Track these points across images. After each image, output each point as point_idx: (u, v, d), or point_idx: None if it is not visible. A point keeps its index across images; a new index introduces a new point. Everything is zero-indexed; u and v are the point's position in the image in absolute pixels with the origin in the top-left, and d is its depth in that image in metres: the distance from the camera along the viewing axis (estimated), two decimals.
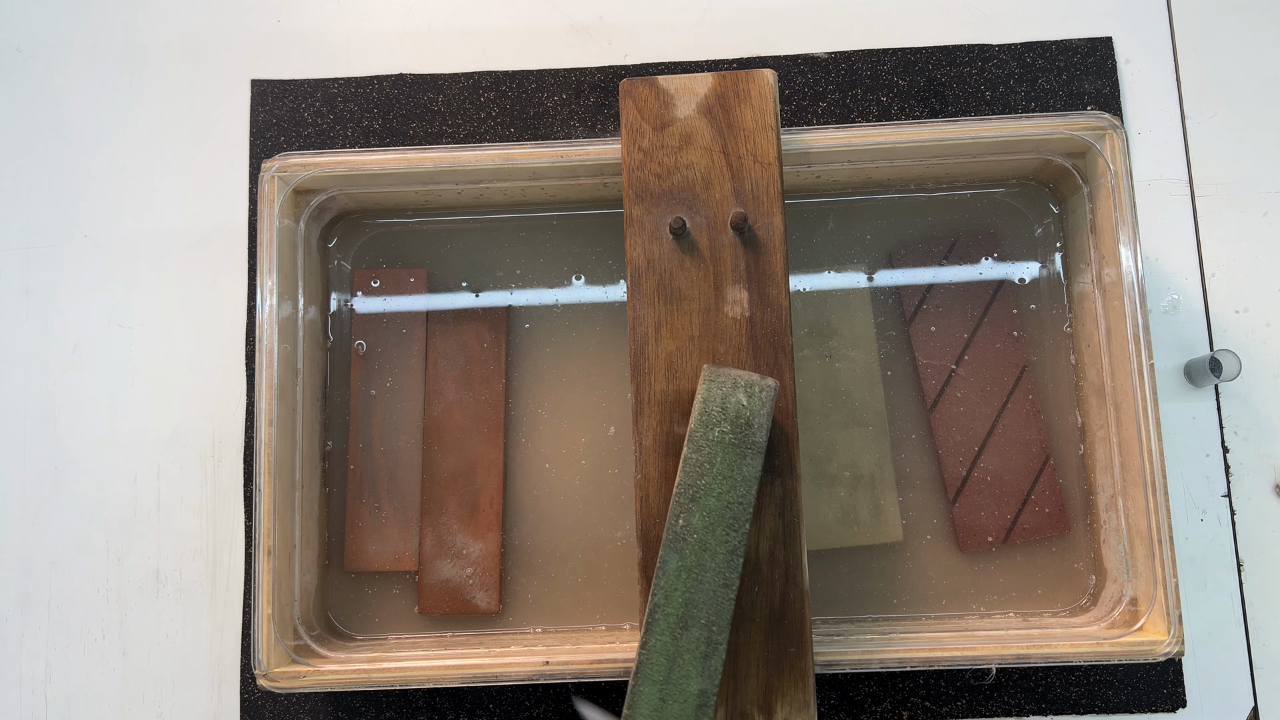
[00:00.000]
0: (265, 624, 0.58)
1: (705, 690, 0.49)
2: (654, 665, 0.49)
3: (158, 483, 0.68)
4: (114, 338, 0.70)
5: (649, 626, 0.49)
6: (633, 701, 0.49)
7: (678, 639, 0.49)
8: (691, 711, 0.49)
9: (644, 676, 0.49)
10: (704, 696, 0.49)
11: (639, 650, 0.49)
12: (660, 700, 0.49)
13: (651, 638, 0.49)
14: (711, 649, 0.49)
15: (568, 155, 0.62)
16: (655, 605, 0.49)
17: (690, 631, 0.49)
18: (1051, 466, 0.65)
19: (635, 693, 0.49)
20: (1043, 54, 0.71)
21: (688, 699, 0.49)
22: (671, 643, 0.49)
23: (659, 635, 0.49)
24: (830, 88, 0.71)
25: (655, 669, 0.49)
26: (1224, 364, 0.64)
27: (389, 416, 0.67)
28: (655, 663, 0.49)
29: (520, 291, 0.68)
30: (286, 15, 0.74)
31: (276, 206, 0.61)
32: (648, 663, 0.49)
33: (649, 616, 0.49)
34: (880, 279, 0.68)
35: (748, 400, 0.51)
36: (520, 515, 0.66)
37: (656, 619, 0.49)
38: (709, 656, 0.49)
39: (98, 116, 0.73)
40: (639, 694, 0.49)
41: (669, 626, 0.49)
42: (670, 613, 0.49)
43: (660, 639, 0.49)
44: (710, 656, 0.49)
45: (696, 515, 0.50)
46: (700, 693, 0.49)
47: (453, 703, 0.65)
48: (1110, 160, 0.60)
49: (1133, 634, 0.58)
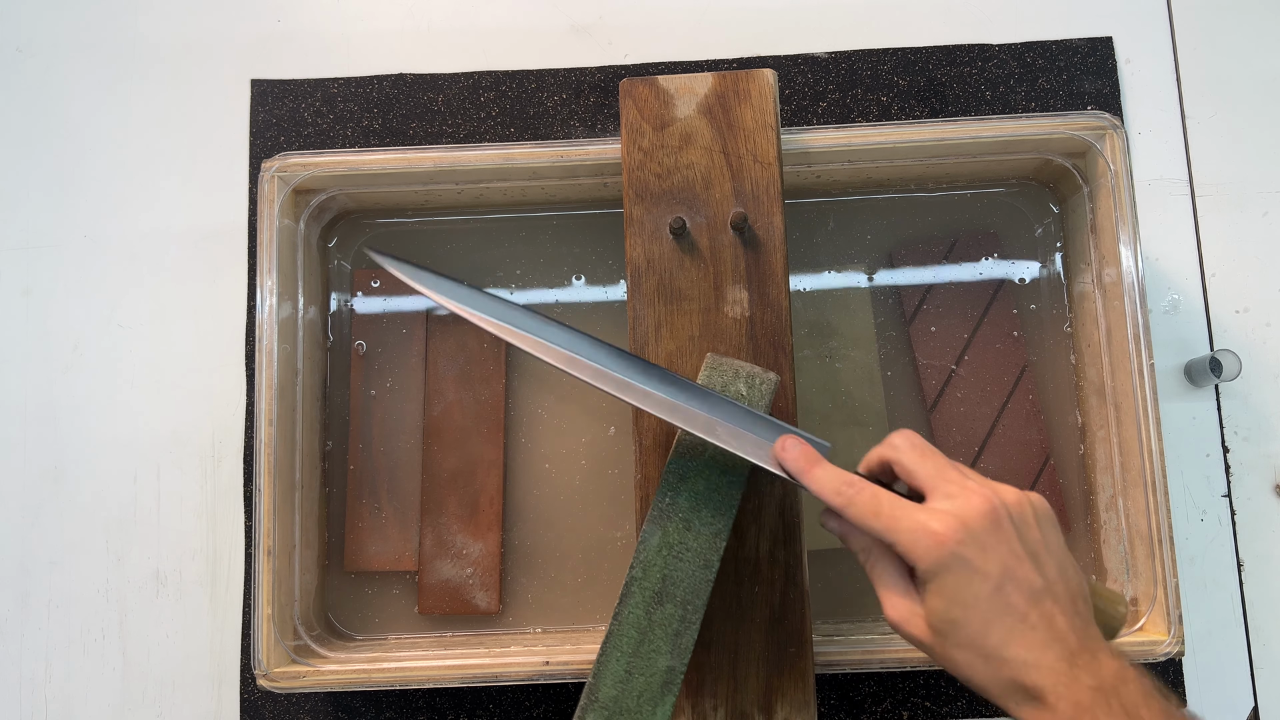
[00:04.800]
0: (265, 624, 0.58)
1: (673, 668, 0.48)
2: (624, 636, 0.48)
3: (158, 483, 0.68)
4: (114, 338, 0.70)
5: (623, 598, 0.49)
6: (598, 671, 0.48)
7: (651, 613, 0.48)
8: (657, 687, 0.48)
9: (613, 647, 0.48)
10: (671, 674, 0.48)
11: (611, 621, 0.49)
12: (626, 672, 0.48)
13: (624, 609, 0.49)
14: (685, 626, 0.48)
15: (568, 155, 0.62)
16: (632, 578, 0.49)
17: (665, 607, 0.49)
18: (1051, 466, 0.65)
19: (602, 662, 0.48)
20: (1043, 54, 0.71)
21: (654, 674, 0.48)
22: (644, 616, 0.48)
23: (632, 608, 0.49)
24: (830, 88, 0.71)
25: (625, 640, 0.48)
26: (1224, 364, 0.64)
27: (389, 416, 0.67)
28: (626, 634, 0.48)
29: (520, 291, 0.68)
30: (286, 15, 0.74)
31: (276, 206, 0.61)
32: (618, 633, 0.48)
33: (624, 588, 0.49)
34: (880, 279, 0.68)
35: (747, 391, 0.51)
36: (520, 515, 0.66)
37: (632, 591, 0.49)
38: (681, 634, 0.48)
39: (98, 116, 0.73)
40: (605, 664, 0.48)
41: (644, 600, 0.49)
42: (647, 586, 0.49)
43: (634, 611, 0.49)
44: (682, 635, 0.48)
45: (683, 495, 0.50)
46: (668, 669, 0.48)
47: (453, 703, 0.65)
48: (1110, 160, 0.60)
49: (1133, 634, 0.58)
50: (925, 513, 0.41)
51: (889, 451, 0.45)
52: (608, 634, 0.49)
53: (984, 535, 0.40)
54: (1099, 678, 0.39)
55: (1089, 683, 0.38)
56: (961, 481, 0.42)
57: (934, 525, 0.41)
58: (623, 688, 0.48)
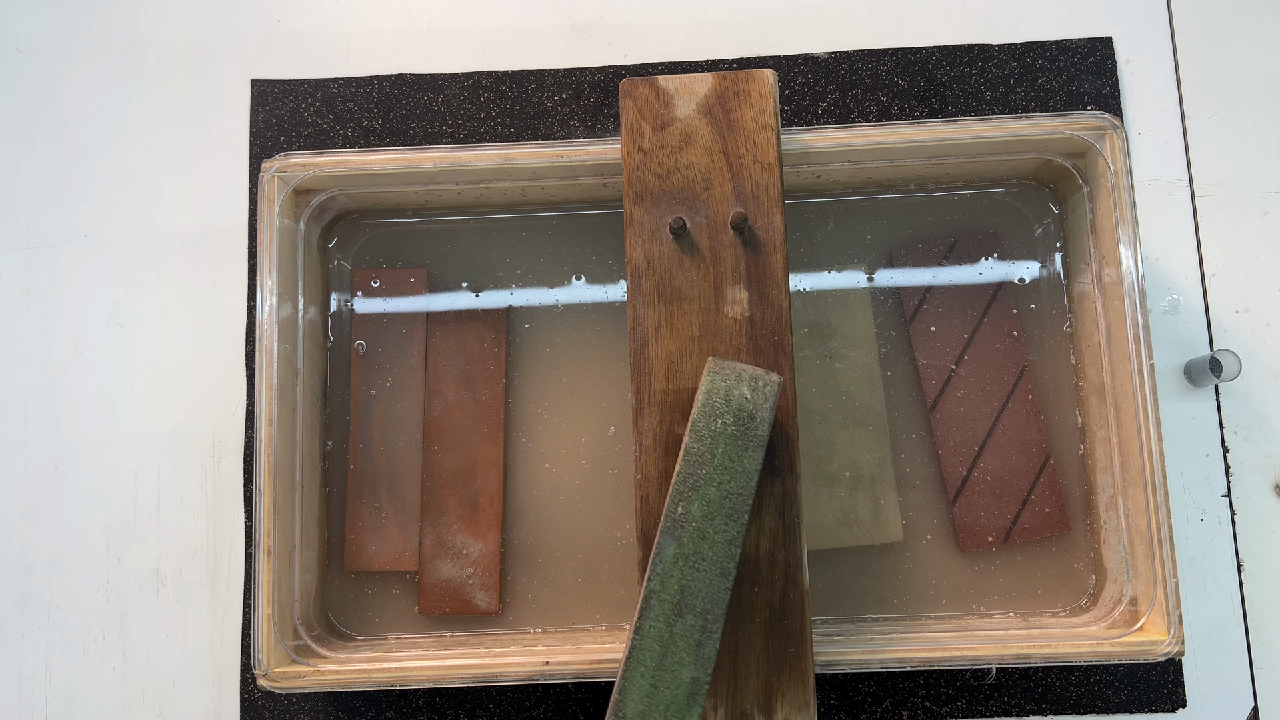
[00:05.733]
0: (265, 624, 0.58)
1: (698, 678, 0.48)
2: (647, 651, 0.48)
3: (158, 483, 0.68)
4: (114, 338, 0.70)
5: (643, 612, 0.49)
6: (623, 686, 0.48)
7: (672, 625, 0.49)
8: (683, 699, 0.48)
9: (636, 662, 0.48)
10: (696, 684, 0.48)
11: (631, 635, 0.49)
12: (651, 686, 0.48)
13: (645, 623, 0.49)
14: (706, 636, 0.48)
15: (568, 155, 0.62)
16: (650, 591, 0.49)
17: (685, 619, 0.49)
18: (1051, 466, 0.65)
19: (626, 678, 0.48)
20: (1043, 54, 0.71)
21: (679, 686, 0.48)
22: (665, 629, 0.48)
23: (653, 621, 0.49)
24: (830, 88, 0.71)
25: (648, 654, 0.48)
26: (1224, 364, 0.64)
27: (389, 416, 0.67)
28: (648, 648, 0.48)
29: (520, 291, 0.68)
30: (286, 15, 0.74)
31: (276, 206, 0.61)
32: (640, 648, 0.48)
33: (644, 602, 0.49)
34: (880, 279, 0.68)
35: (751, 394, 0.51)
36: (520, 515, 0.66)
37: (651, 605, 0.49)
38: (703, 644, 0.48)
39: (98, 116, 0.73)
40: (630, 679, 0.48)
41: (664, 613, 0.49)
42: (666, 599, 0.49)
43: (654, 625, 0.49)
44: (704, 644, 0.48)
45: (696, 504, 0.50)
46: (692, 680, 0.48)
47: (453, 703, 0.65)
48: (1110, 160, 0.60)
49: (1133, 634, 0.58)
50: None
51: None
52: (629, 649, 0.49)
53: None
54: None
55: None
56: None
57: None
58: (649, 702, 0.48)
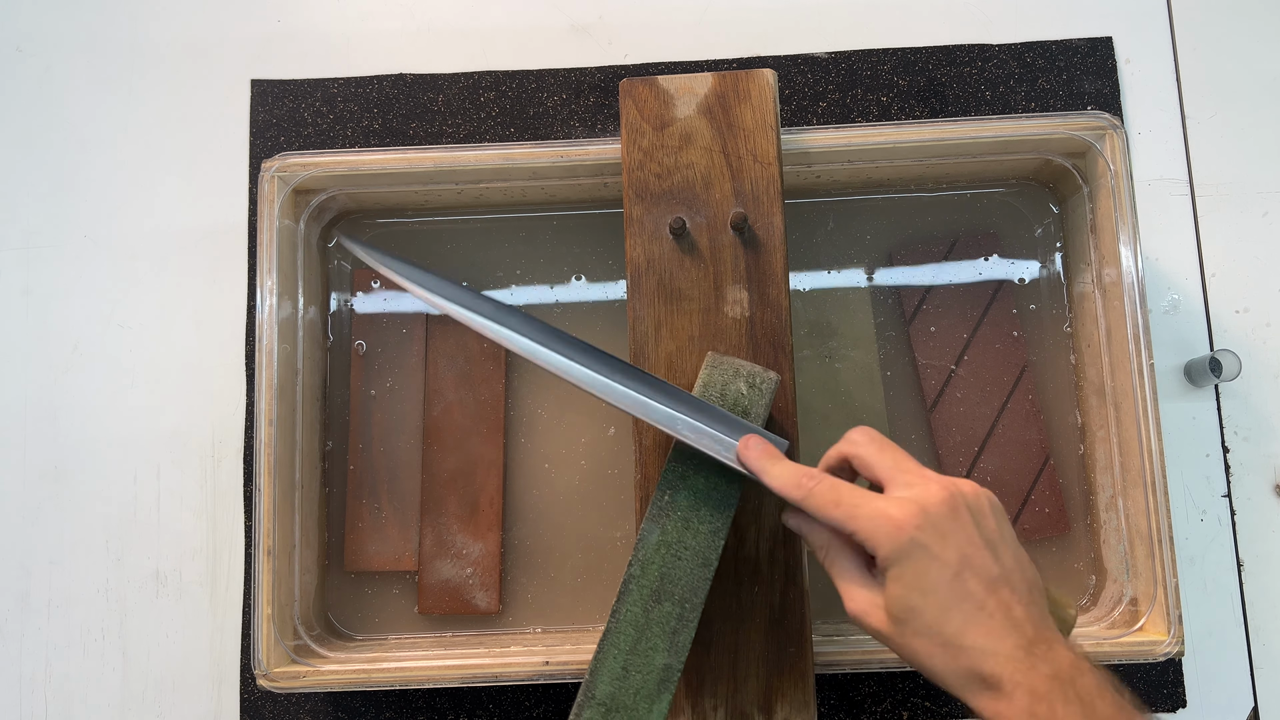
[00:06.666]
0: (265, 624, 0.58)
1: (670, 665, 0.48)
2: (622, 634, 0.48)
3: (158, 483, 0.68)
4: (114, 338, 0.70)
5: (621, 595, 0.49)
6: (595, 668, 0.48)
7: (649, 611, 0.49)
8: (654, 684, 0.48)
9: (610, 644, 0.48)
10: (668, 671, 0.48)
11: (609, 619, 0.49)
12: (623, 670, 0.48)
13: (623, 606, 0.49)
14: (682, 625, 0.49)
15: (568, 155, 0.62)
16: (630, 575, 0.49)
17: (663, 605, 0.49)
18: (1051, 466, 0.65)
19: (599, 660, 0.48)
20: (1043, 54, 0.71)
21: (651, 672, 0.48)
22: (642, 614, 0.49)
23: (630, 605, 0.49)
24: (830, 88, 0.71)
25: (623, 638, 0.48)
26: (1224, 364, 0.64)
27: (389, 416, 0.67)
28: (623, 632, 0.48)
29: (520, 291, 0.68)
30: (286, 15, 0.74)
31: (276, 206, 0.61)
32: (615, 631, 0.49)
33: (623, 586, 0.49)
34: (880, 279, 0.68)
35: (747, 390, 0.51)
36: (520, 515, 0.66)
37: (630, 589, 0.49)
38: (679, 632, 0.48)
39: (98, 116, 0.73)
40: (603, 661, 0.48)
41: (642, 598, 0.49)
42: (645, 584, 0.49)
43: (631, 609, 0.49)
44: (680, 632, 0.48)
45: (683, 493, 0.50)
46: (665, 667, 0.48)
47: (453, 703, 0.65)
48: (1110, 160, 0.60)
49: (1133, 634, 0.58)
50: (885, 500, 0.42)
51: (847, 447, 0.46)
52: (605, 631, 0.49)
53: (943, 522, 0.41)
54: (1056, 667, 0.39)
55: (1046, 671, 0.38)
56: (919, 472, 0.43)
57: (893, 511, 0.41)
58: (620, 685, 0.48)
